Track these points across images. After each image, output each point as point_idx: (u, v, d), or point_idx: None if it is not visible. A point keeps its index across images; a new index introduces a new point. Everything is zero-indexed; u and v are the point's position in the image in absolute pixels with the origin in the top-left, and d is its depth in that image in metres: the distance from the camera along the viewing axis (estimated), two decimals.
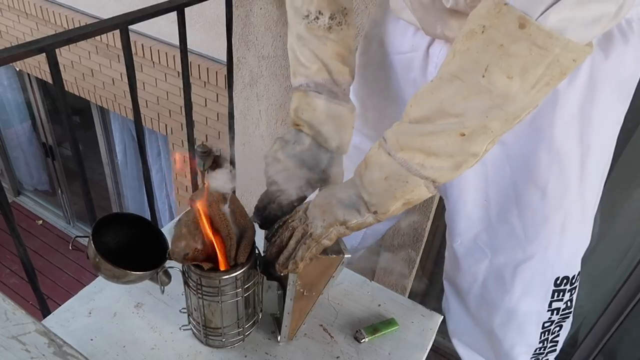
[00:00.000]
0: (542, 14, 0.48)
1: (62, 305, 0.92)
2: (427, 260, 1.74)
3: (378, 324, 0.92)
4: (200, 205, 0.72)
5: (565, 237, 0.78)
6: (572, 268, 0.82)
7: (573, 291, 0.84)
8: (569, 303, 0.85)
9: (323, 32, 0.75)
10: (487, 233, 0.84)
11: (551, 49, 0.49)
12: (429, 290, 1.93)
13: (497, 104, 0.53)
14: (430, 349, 0.93)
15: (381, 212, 0.64)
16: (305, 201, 0.77)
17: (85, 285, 0.96)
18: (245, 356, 0.86)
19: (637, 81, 0.70)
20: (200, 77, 2.30)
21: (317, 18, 0.74)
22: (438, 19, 0.70)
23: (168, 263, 0.78)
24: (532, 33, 0.49)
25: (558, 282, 0.82)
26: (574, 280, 0.83)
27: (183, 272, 0.79)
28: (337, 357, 0.87)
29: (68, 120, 0.97)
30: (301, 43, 0.76)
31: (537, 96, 0.53)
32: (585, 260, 0.87)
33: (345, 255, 0.72)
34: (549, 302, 0.84)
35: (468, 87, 0.54)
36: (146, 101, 2.61)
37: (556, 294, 0.84)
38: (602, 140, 0.71)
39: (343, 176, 0.84)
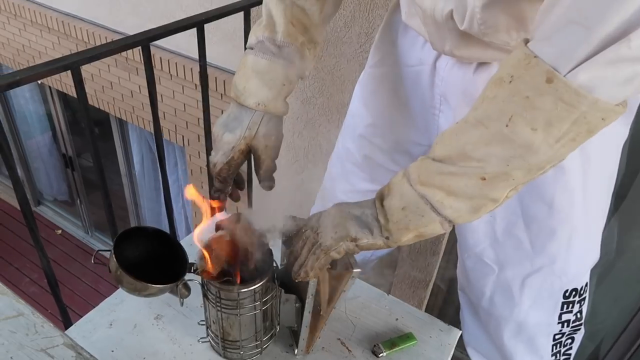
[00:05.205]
0: (571, 70, 0.48)
1: (83, 317, 0.94)
2: (445, 273, 1.73)
3: (396, 339, 0.92)
4: (226, 230, 0.75)
5: (572, 250, 0.78)
6: (580, 280, 0.82)
7: (582, 302, 0.84)
8: (578, 315, 0.85)
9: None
10: (492, 249, 0.84)
11: (578, 106, 0.49)
12: (448, 302, 1.91)
13: (519, 154, 0.53)
14: None
15: (393, 240, 0.64)
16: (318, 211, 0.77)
17: (102, 294, 0.98)
18: None
19: None
20: (217, 90, 2.33)
21: None
22: (448, 37, 0.70)
23: (187, 276, 0.79)
24: (558, 88, 0.48)
25: (567, 294, 0.82)
26: (582, 292, 0.83)
27: (202, 285, 0.80)
28: None
29: (91, 134, 0.99)
30: (273, 3, 0.77)
31: (561, 150, 0.53)
32: (605, 275, 0.86)
33: (355, 270, 0.72)
34: (558, 314, 0.84)
35: (491, 134, 0.54)
36: (164, 113, 2.65)
37: (565, 306, 0.83)
38: (603, 151, 0.71)
39: (277, 138, 0.80)
